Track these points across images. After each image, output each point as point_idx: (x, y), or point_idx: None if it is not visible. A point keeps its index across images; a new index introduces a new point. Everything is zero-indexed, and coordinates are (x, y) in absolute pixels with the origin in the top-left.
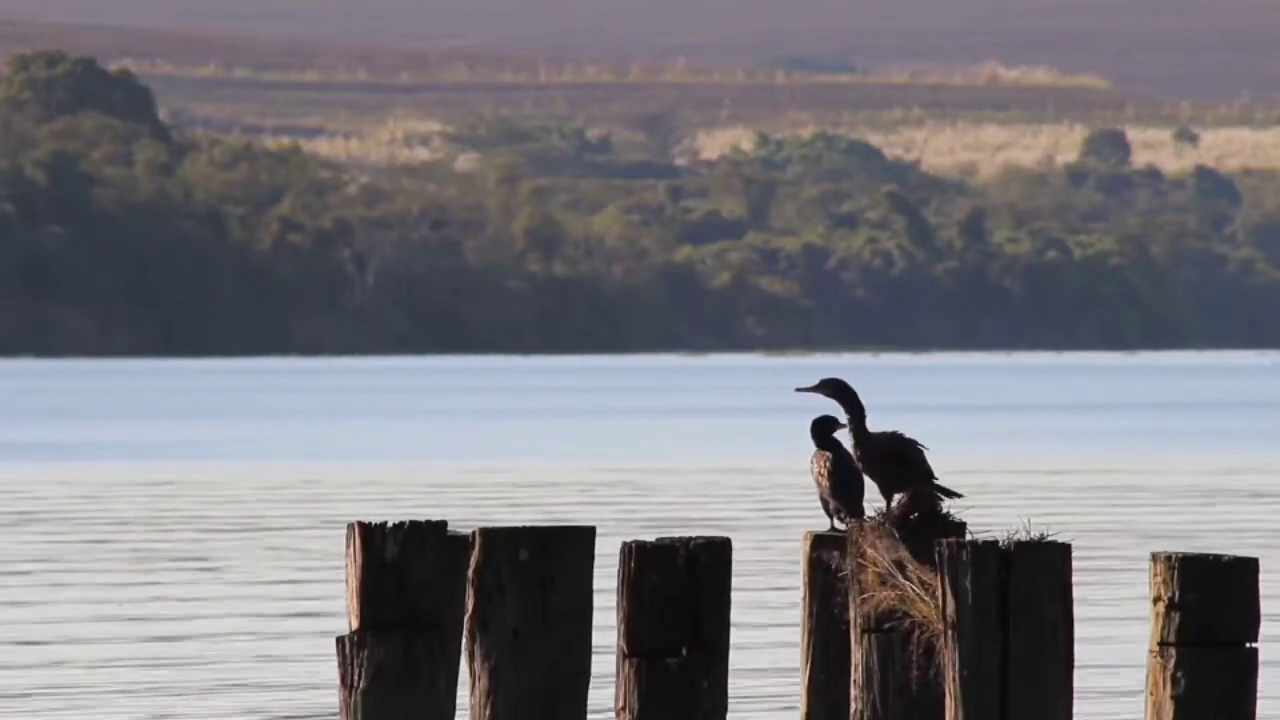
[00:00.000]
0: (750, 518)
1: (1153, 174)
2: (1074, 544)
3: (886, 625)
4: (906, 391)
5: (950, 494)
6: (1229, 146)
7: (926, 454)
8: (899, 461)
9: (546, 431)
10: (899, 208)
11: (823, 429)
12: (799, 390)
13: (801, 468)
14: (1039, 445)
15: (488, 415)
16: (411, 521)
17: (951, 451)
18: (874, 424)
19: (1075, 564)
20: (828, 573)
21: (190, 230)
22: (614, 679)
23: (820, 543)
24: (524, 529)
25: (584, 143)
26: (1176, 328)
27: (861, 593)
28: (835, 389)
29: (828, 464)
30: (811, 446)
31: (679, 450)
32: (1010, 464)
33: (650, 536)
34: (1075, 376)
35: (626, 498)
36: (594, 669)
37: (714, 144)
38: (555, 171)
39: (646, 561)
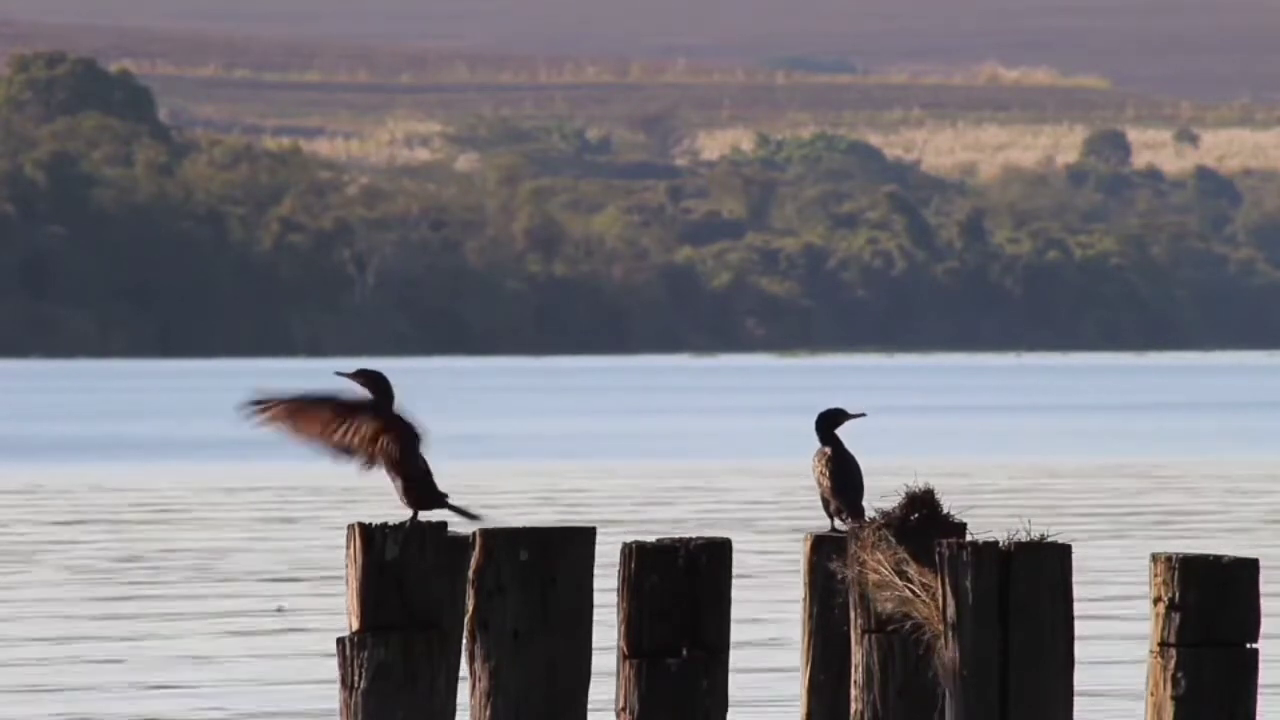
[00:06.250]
0: (750, 517)
1: (1153, 174)
2: (1074, 544)
3: (888, 626)
4: (906, 391)
5: (467, 514)
6: (1229, 147)
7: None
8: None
9: (546, 432)
10: (899, 208)
11: (828, 422)
12: (338, 374)
13: (799, 469)
14: (1039, 445)
15: (487, 415)
16: (412, 522)
17: (952, 451)
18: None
19: (1075, 564)
20: (828, 574)
21: (190, 230)
22: (614, 679)
23: (820, 544)
24: (524, 529)
25: (584, 143)
26: (1177, 328)
27: (862, 594)
28: (370, 379)
29: (828, 463)
30: (815, 440)
31: (678, 450)
32: (1010, 464)
33: (650, 537)
34: (1076, 376)
35: (626, 498)
36: (594, 669)
37: (714, 144)
38: (555, 172)
39: (647, 562)
